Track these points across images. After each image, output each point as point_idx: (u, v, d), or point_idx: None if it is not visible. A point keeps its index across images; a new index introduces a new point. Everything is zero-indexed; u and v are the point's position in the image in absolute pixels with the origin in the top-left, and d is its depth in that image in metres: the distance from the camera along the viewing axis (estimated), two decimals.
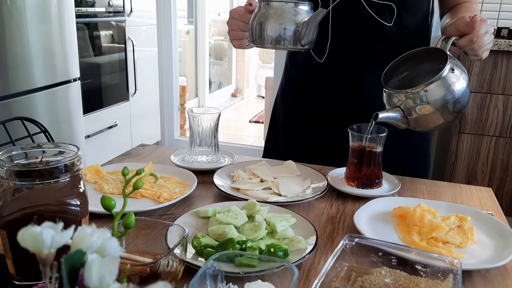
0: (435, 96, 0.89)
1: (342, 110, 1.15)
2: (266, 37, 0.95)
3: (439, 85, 0.89)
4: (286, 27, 0.94)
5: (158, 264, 0.55)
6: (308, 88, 1.18)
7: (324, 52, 1.11)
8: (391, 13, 1.05)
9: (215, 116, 1.05)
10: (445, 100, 0.90)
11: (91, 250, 0.35)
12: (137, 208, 0.81)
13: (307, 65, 1.16)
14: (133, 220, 0.57)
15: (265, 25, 0.94)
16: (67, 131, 2.19)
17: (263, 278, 0.54)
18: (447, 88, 0.89)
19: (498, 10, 2.86)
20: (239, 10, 1.02)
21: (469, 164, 2.53)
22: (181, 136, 3.85)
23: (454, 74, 0.90)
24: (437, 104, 0.90)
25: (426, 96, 0.90)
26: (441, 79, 0.89)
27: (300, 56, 1.17)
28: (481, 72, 2.39)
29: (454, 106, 0.91)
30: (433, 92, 0.89)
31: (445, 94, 0.89)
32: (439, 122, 0.93)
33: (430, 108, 0.90)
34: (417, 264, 0.60)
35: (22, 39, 1.88)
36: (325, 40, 1.10)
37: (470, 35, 0.89)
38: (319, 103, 1.17)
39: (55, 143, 0.63)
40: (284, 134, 1.26)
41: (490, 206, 0.92)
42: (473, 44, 0.90)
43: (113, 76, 2.88)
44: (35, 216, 0.57)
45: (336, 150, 1.14)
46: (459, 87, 0.90)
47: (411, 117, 0.92)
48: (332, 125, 1.16)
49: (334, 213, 0.86)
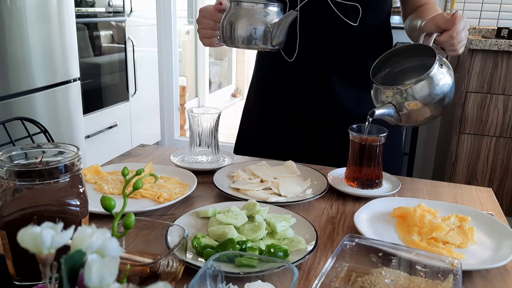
0: (425, 92, 0.90)
1: (314, 108, 1.17)
2: (237, 37, 0.97)
3: (429, 81, 0.90)
4: (256, 28, 0.95)
5: (158, 265, 0.55)
6: (279, 87, 1.20)
7: (293, 51, 1.13)
8: (356, 13, 1.09)
9: (215, 116, 1.05)
10: (434, 95, 0.90)
11: (91, 250, 0.35)
12: (137, 208, 0.81)
13: (277, 64, 1.18)
14: (133, 220, 0.57)
15: (236, 25, 0.96)
16: (67, 131, 2.19)
17: (263, 279, 0.54)
18: (437, 83, 0.90)
19: (498, 10, 2.86)
20: (209, 8, 1.03)
21: (469, 164, 2.53)
22: (181, 136, 3.85)
23: (442, 70, 0.91)
24: (427, 100, 0.90)
25: (416, 92, 0.90)
26: (431, 75, 0.89)
27: (270, 55, 1.19)
28: (481, 72, 2.39)
29: (443, 101, 0.92)
30: (424, 88, 0.90)
31: (435, 90, 0.90)
32: (427, 116, 0.93)
33: (419, 103, 0.90)
34: (417, 264, 0.60)
35: (22, 39, 1.88)
36: (294, 40, 1.12)
37: (450, 31, 0.91)
38: (291, 101, 1.19)
39: (55, 143, 0.63)
40: (261, 131, 1.27)
41: (490, 206, 0.92)
42: (453, 39, 0.91)
43: (113, 76, 2.88)
44: (35, 216, 0.57)
45: (310, 147, 1.17)
46: (447, 82, 0.91)
47: (402, 112, 0.93)
48: (307, 123, 1.18)
49: (334, 213, 0.86)
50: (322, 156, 1.17)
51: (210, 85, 5.38)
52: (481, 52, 2.37)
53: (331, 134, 1.17)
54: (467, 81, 2.42)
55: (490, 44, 2.31)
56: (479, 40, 2.32)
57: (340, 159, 1.06)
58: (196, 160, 1.07)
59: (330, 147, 1.18)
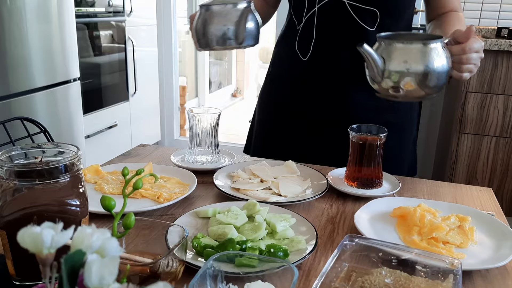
0: (416, 56, 0.88)
1: (324, 109, 1.17)
2: (208, 40, 0.98)
3: (424, 49, 0.88)
4: (222, 28, 0.97)
5: (158, 264, 0.55)
6: (291, 85, 1.20)
7: (308, 51, 1.13)
8: (374, 18, 1.08)
9: (215, 116, 1.05)
10: (424, 65, 0.87)
11: (91, 250, 0.35)
12: (137, 208, 0.81)
13: (292, 62, 1.18)
14: (133, 220, 0.57)
15: (206, 29, 0.97)
16: (67, 131, 2.19)
17: (263, 279, 0.54)
18: (430, 56, 0.88)
19: (498, 10, 2.86)
20: (194, 15, 1.03)
21: (469, 164, 2.53)
22: (181, 136, 3.85)
23: (443, 51, 0.89)
24: (413, 66, 0.88)
25: (408, 53, 0.88)
26: (429, 46, 0.87)
27: (286, 54, 1.20)
28: (481, 72, 2.39)
29: (428, 77, 0.88)
30: (416, 52, 0.88)
31: (426, 60, 0.88)
32: (407, 84, 0.89)
33: (406, 65, 0.88)
34: (417, 264, 0.60)
35: (22, 39, 1.88)
36: (310, 39, 1.13)
37: (463, 44, 0.90)
38: (304, 102, 1.19)
39: (55, 143, 0.63)
40: (273, 130, 1.27)
41: (491, 206, 0.92)
42: (464, 53, 0.90)
43: (113, 76, 2.88)
44: (35, 216, 0.57)
45: (319, 150, 1.17)
46: (440, 63, 0.89)
47: (386, 68, 0.89)
48: (317, 123, 1.18)
49: (334, 213, 0.86)
50: (329, 156, 1.17)
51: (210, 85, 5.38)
52: None
53: (338, 135, 1.17)
54: (467, 81, 2.42)
55: (490, 44, 2.31)
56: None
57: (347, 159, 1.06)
58: (196, 160, 1.06)
59: (336, 148, 1.17)
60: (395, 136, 1.13)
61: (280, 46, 1.26)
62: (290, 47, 1.18)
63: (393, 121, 1.14)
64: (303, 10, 1.13)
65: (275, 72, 1.27)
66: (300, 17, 1.15)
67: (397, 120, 1.17)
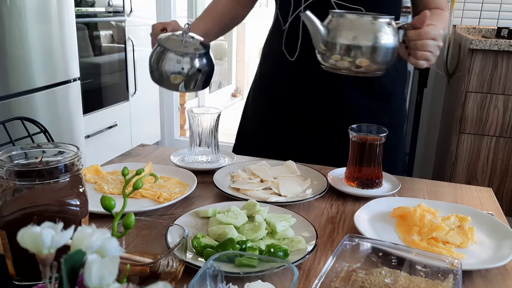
0: (360, 29, 0.88)
1: (311, 108, 1.17)
2: (159, 77, 1.01)
3: (370, 24, 0.88)
4: (172, 73, 0.99)
5: (158, 264, 0.55)
6: (281, 86, 1.21)
7: (295, 51, 1.13)
8: None
9: (215, 116, 1.05)
10: (368, 40, 0.87)
11: (91, 250, 0.35)
12: (137, 208, 0.81)
13: (279, 63, 1.18)
14: (133, 220, 0.57)
15: (159, 67, 1.00)
16: (67, 131, 2.19)
17: (263, 278, 0.54)
18: (376, 30, 0.88)
19: (498, 10, 2.86)
20: (155, 28, 1.07)
21: (469, 164, 2.53)
22: (181, 136, 3.84)
23: (388, 27, 0.88)
24: (358, 38, 0.88)
25: (351, 24, 0.88)
26: (375, 19, 0.88)
27: (274, 54, 1.20)
28: (481, 72, 2.39)
29: (374, 52, 0.88)
30: (360, 25, 0.88)
31: (372, 35, 0.87)
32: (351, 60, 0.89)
33: (349, 35, 0.88)
34: (417, 264, 0.60)
35: (22, 39, 1.88)
36: (296, 40, 1.13)
37: (419, 30, 0.89)
38: (294, 102, 1.19)
39: (55, 143, 0.63)
40: (260, 130, 1.27)
41: (490, 206, 0.92)
42: (420, 39, 0.89)
43: (113, 76, 2.88)
44: (35, 216, 0.57)
45: (306, 147, 1.18)
46: (387, 39, 0.88)
47: (331, 40, 0.89)
48: (304, 123, 1.19)
49: (334, 213, 0.86)
50: (318, 156, 1.17)
51: (210, 85, 5.38)
52: (481, 52, 2.36)
53: (327, 134, 1.18)
54: (467, 81, 2.42)
55: (490, 44, 2.31)
56: (479, 40, 2.32)
57: (338, 158, 1.06)
58: (196, 160, 1.06)
59: (325, 147, 1.18)
60: (389, 135, 1.14)
61: (267, 46, 1.26)
62: (277, 47, 1.18)
63: (386, 120, 1.15)
64: (289, 9, 1.13)
65: (264, 73, 1.27)
66: (286, 16, 1.15)
67: (389, 119, 1.18)
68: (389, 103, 1.19)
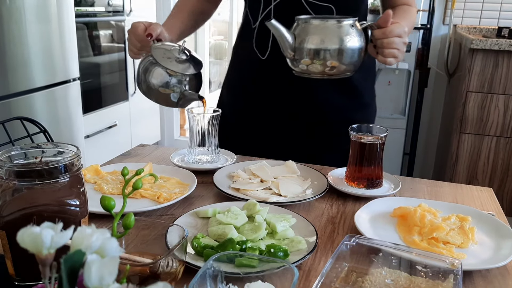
0: (325, 34, 0.90)
1: (282, 105, 1.18)
2: (147, 89, 1.02)
3: (333, 26, 0.91)
4: (164, 89, 1.01)
5: (157, 265, 0.55)
6: (253, 85, 1.21)
7: (266, 49, 1.14)
8: (330, 14, 1.10)
9: (215, 116, 1.05)
10: (334, 43, 0.90)
11: (91, 250, 0.35)
12: (137, 209, 0.81)
13: (251, 61, 1.19)
14: (132, 220, 0.57)
15: (148, 79, 1.01)
16: (66, 131, 2.19)
17: (263, 279, 0.54)
18: (339, 34, 0.90)
19: (499, 10, 2.86)
20: (139, 29, 1.04)
21: (470, 164, 2.53)
22: (181, 136, 3.84)
23: (352, 30, 0.91)
24: (323, 42, 0.90)
25: (316, 29, 0.91)
26: (337, 25, 0.91)
27: (245, 53, 1.21)
28: (482, 72, 2.39)
29: (340, 54, 0.91)
30: (324, 30, 0.91)
31: (337, 38, 0.90)
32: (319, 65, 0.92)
33: (315, 40, 0.90)
34: (418, 264, 0.60)
35: (21, 39, 1.88)
36: (267, 38, 1.13)
37: (384, 29, 0.92)
38: (265, 101, 1.20)
39: (55, 143, 0.63)
40: (232, 127, 1.28)
41: (491, 206, 0.92)
42: (386, 37, 0.92)
43: (113, 76, 2.88)
44: (35, 216, 0.57)
45: (286, 147, 1.19)
46: (352, 41, 0.91)
47: (298, 47, 0.92)
48: (275, 120, 1.19)
49: (334, 213, 0.86)
50: (289, 152, 1.18)
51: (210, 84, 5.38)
52: (481, 52, 2.36)
53: (299, 131, 1.19)
54: (468, 80, 2.42)
55: (490, 44, 2.31)
56: (479, 39, 2.32)
57: (309, 154, 1.11)
58: (196, 160, 1.06)
59: (296, 144, 1.20)
60: None
61: (238, 46, 1.26)
62: (248, 46, 1.18)
63: (360, 119, 1.18)
64: (259, 8, 1.13)
65: (236, 73, 1.27)
66: (256, 15, 1.15)
67: (363, 118, 1.20)
68: (360, 100, 1.21)
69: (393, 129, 2.67)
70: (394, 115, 2.79)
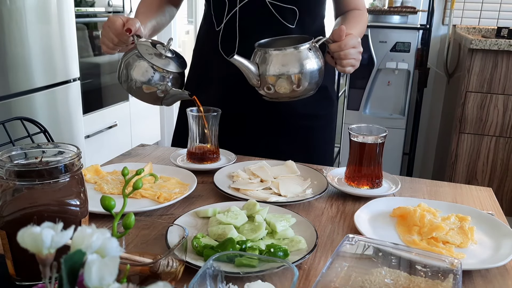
0: (287, 62, 0.96)
1: (257, 108, 1.19)
2: (132, 86, 1.03)
3: (293, 54, 0.96)
4: (151, 87, 1.02)
5: (158, 264, 0.55)
6: (220, 87, 1.22)
7: (233, 50, 1.14)
8: (294, 15, 1.13)
9: (215, 115, 1.05)
10: (294, 69, 0.96)
11: (91, 250, 0.35)
12: (137, 208, 0.81)
13: (217, 64, 1.19)
14: (132, 220, 0.57)
15: (132, 75, 1.01)
16: (66, 131, 2.19)
17: (263, 278, 0.54)
18: (298, 59, 0.96)
19: (498, 10, 2.86)
20: (117, 24, 1.03)
21: (469, 164, 2.53)
22: None
23: (309, 53, 0.97)
24: (286, 70, 0.96)
25: (281, 59, 0.96)
26: (297, 50, 0.96)
27: (209, 55, 1.21)
28: (481, 72, 2.39)
29: (301, 77, 0.97)
30: (287, 58, 0.96)
31: (295, 64, 0.96)
32: (286, 89, 0.98)
33: (279, 71, 0.96)
34: (417, 264, 0.60)
35: (21, 39, 1.88)
36: (234, 39, 1.15)
37: (339, 42, 0.98)
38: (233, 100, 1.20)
39: (55, 143, 0.63)
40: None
41: (490, 206, 0.92)
42: (341, 50, 0.98)
43: (113, 76, 2.88)
44: (35, 216, 0.57)
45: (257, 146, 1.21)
46: (310, 65, 0.97)
47: (264, 76, 0.97)
48: (252, 122, 1.21)
49: (334, 213, 0.86)
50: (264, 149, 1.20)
51: None
52: (481, 52, 2.37)
53: (268, 128, 1.21)
54: (467, 80, 2.42)
55: (490, 44, 2.31)
56: (479, 39, 2.32)
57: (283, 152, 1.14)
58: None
59: (271, 141, 1.22)
60: (327, 127, 1.27)
61: (201, 50, 1.26)
62: (212, 47, 1.19)
63: (323, 113, 1.24)
64: (224, 10, 1.14)
65: (199, 73, 1.26)
66: (221, 17, 1.15)
67: (326, 111, 1.26)
68: (327, 96, 1.25)
69: (392, 129, 2.67)
70: (393, 115, 2.79)
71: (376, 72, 2.74)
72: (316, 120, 1.24)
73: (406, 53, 2.69)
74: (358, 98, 2.78)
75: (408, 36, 2.68)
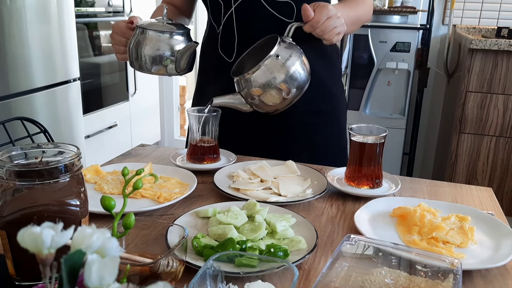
0: (262, 80, 0.97)
1: None
2: (142, 62, 1.04)
3: (263, 70, 0.96)
4: (159, 55, 1.03)
5: (158, 264, 0.55)
6: (218, 86, 1.20)
7: (232, 52, 1.15)
8: (291, 9, 1.11)
9: (215, 116, 1.05)
10: (272, 82, 0.96)
11: (91, 250, 0.35)
12: (137, 208, 0.81)
13: (218, 64, 1.19)
14: (133, 220, 0.57)
15: (141, 51, 1.03)
16: (67, 131, 2.19)
17: (263, 278, 0.54)
18: (272, 72, 0.96)
19: (498, 10, 2.86)
20: (121, 25, 1.07)
21: (469, 164, 2.53)
22: (181, 136, 3.84)
23: (279, 59, 0.96)
24: (266, 86, 0.97)
25: (254, 80, 0.97)
26: (264, 65, 0.96)
27: (211, 59, 1.21)
28: (481, 71, 2.39)
29: (287, 87, 0.97)
30: (259, 77, 0.97)
31: (270, 78, 0.96)
32: (276, 101, 0.99)
33: (260, 90, 0.97)
34: (417, 264, 0.60)
35: (22, 39, 1.88)
36: (232, 41, 1.14)
37: (311, 22, 0.95)
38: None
39: (55, 143, 0.63)
40: None
41: (490, 206, 0.92)
42: (316, 29, 0.96)
43: (113, 76, 2.88)
44: (35, 216, 0.57)
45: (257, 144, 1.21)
46: (285, 70, 0.97)
47: (251, 100, 0.99)
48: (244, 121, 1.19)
49: (334, 213, 0.86)
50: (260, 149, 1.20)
51: None
52: (481, 52, 2.37)
53: (270, 126, 1.19)
54: (467, 80, 2.42)
55: (490, 44, 2.31)
56: (479, 39, 2.32)
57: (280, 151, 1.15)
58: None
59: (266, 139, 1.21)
60: (331, 123, 1.23)
61: (204, 53, 1.26)
62: (214, 51, 1.19)
63: (326, 108, 1.21)
64: (221, 12, 1.14)
65: (205, 79, 1.27)
66: (219, 19, 1.16)
67: (329, 108, 1.22)
68: (328, 91, 1.22)
69: (392, 129, 2.67)
70: (393, 115, 2.79)
71: (376, 72, 2.74)
72: (319, 116, 1.20)
73: (406, 53, 2.69)
74: (358, 98, 2.78)
75: (408, 36, 2.67)
